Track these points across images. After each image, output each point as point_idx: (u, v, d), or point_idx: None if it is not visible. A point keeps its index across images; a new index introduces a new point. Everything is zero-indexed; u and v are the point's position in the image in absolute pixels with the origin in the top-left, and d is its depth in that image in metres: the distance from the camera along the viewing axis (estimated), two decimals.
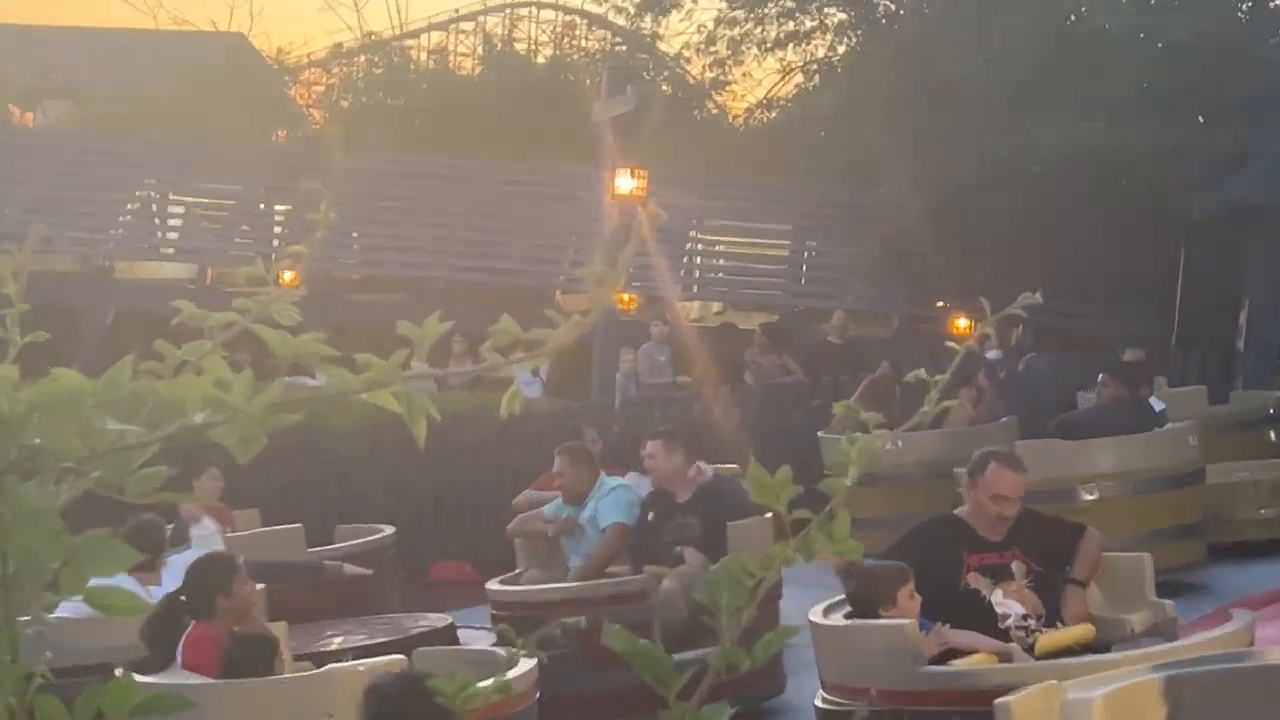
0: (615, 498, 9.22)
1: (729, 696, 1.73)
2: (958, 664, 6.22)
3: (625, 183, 16.10)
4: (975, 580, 6.83)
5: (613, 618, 8.07)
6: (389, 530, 11.11)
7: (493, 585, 9.02)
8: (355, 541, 10.87)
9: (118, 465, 1.43)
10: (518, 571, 9.32)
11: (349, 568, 9.81)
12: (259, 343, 1.69)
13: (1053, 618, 6.72)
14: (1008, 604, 6.79)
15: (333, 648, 8.16)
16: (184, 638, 6.27)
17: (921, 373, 2.06)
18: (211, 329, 1.58)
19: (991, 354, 17.26)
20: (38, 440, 1.43)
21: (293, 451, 12.95)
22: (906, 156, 18.61)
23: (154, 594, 7.34)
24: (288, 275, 2.03)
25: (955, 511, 7.00)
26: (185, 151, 21.87)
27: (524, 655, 1.45)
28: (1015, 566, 6.91)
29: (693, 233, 21.25)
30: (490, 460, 13.98)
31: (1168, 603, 6.77)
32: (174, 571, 7.63)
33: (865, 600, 6.21)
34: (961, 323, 17.08)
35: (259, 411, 1.38)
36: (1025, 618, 6.77)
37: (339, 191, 1.71)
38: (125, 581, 7.33)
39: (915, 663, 6.13)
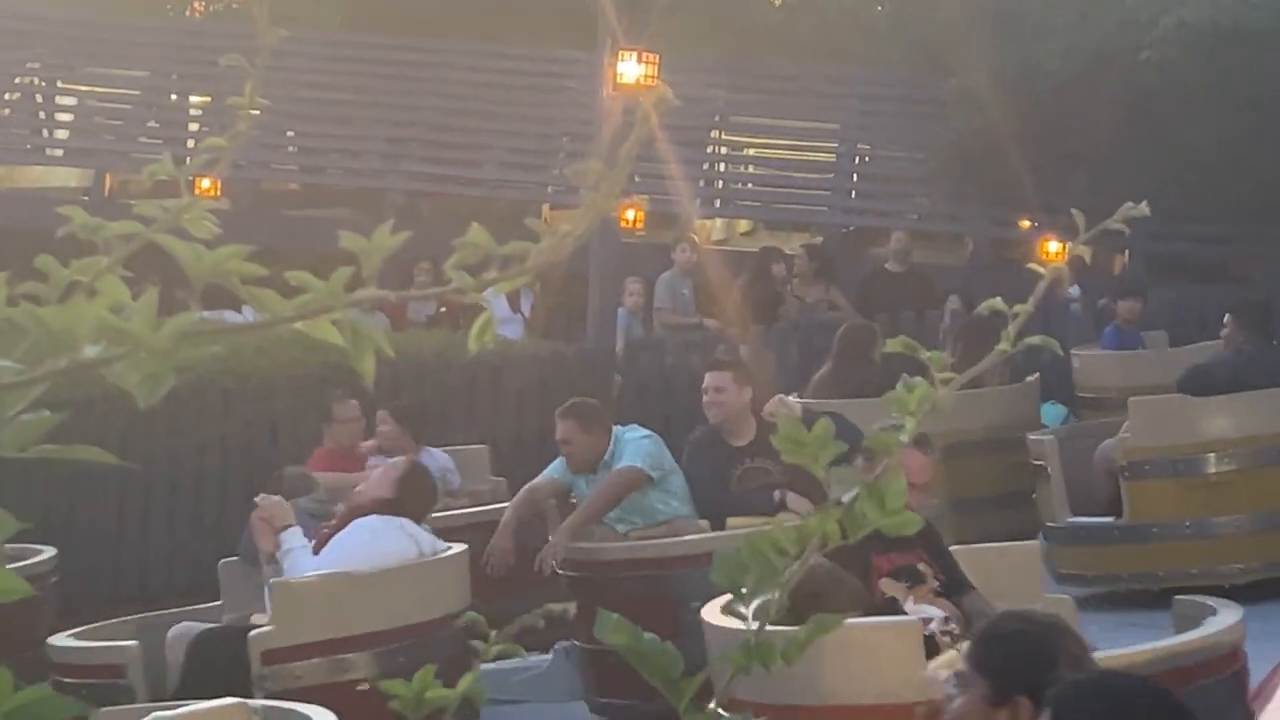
0: (640, 446, 9.49)
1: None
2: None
3: (631, 69, 16.05)
4: (889, 587, 7.07)
5: (684, 584, 8.38)
6: (48, 554, 10.53)
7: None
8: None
9: None
10: None
11: None
12: (168, 267, 1.70)
13: (967, 622, 6.93)
14: (924, 609, 7.04)
15: None
16: None
17: (997, 302, 2.06)
18: (108, 242, 1.59)
19: (1073, 289, 17.27)
20: None
21: (211, 408, 12.97)
22: (986, 37, 18.54)
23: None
24: (204, 183, 2.03)
25: None
26: (77, 29, 21.82)
27: (498, 648, 1.45)
28: (923, 567, 7.21)
29: (716, 133, 21.21)
30: (459, 418, 13.99)
31: (1065, 597, 6.94)
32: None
33: (812, 598, 6.22)
34: (1052, 246, 17.06)
35: (166, 344, 1.39)
36: (946, 620, 7.03)
37: (271, 79, 1.72)
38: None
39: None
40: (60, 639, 8.49)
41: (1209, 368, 11.70)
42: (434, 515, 9.26)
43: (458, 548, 8.70)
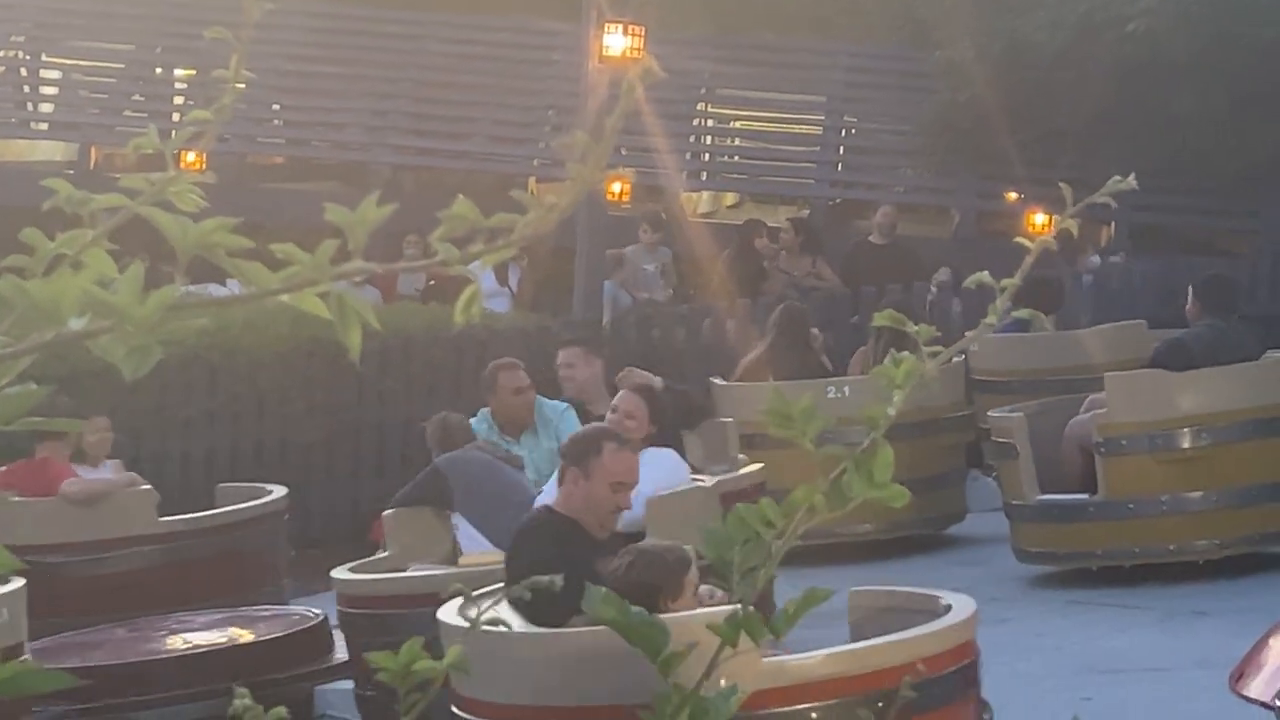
0: (573, 419, 9.69)
1: None
2: None
3: (617, 42, 16.03)
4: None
5: None
6: (278, 493, 11.00)
7: None
8: (236, 507, 10.84)
9: None
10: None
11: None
12: (153, 241, 1.69)
13: None
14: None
15: (135, 657, 8.39)
16: None
17: (984, 276, 2.07)
18: (93, 216, 1.58)
19: (1094, 259, 17.29)
20: None
21: (198, 383, 12.97)
22: (972, 9, 18.52)
23: None
24: (189, 156, 2.03)
25: (553, 507, 6.95)
26: (62, 2, 21.75)
27: (483, 625, 1.46)
28: None
29: (702, 105, 21.19)
30: (446, 391, 13.99)
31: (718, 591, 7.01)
32: None
33: (646, 589, 6.18)
34: (1039, 219, 17.08)
35: (152, 316, 1.38)
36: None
37: (255, 52, 1.71)
38: None
39: None
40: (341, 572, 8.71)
41: (1184, 343, 11.69)
42: None
43: None
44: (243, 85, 1.73)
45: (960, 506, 13.02)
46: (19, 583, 7.11)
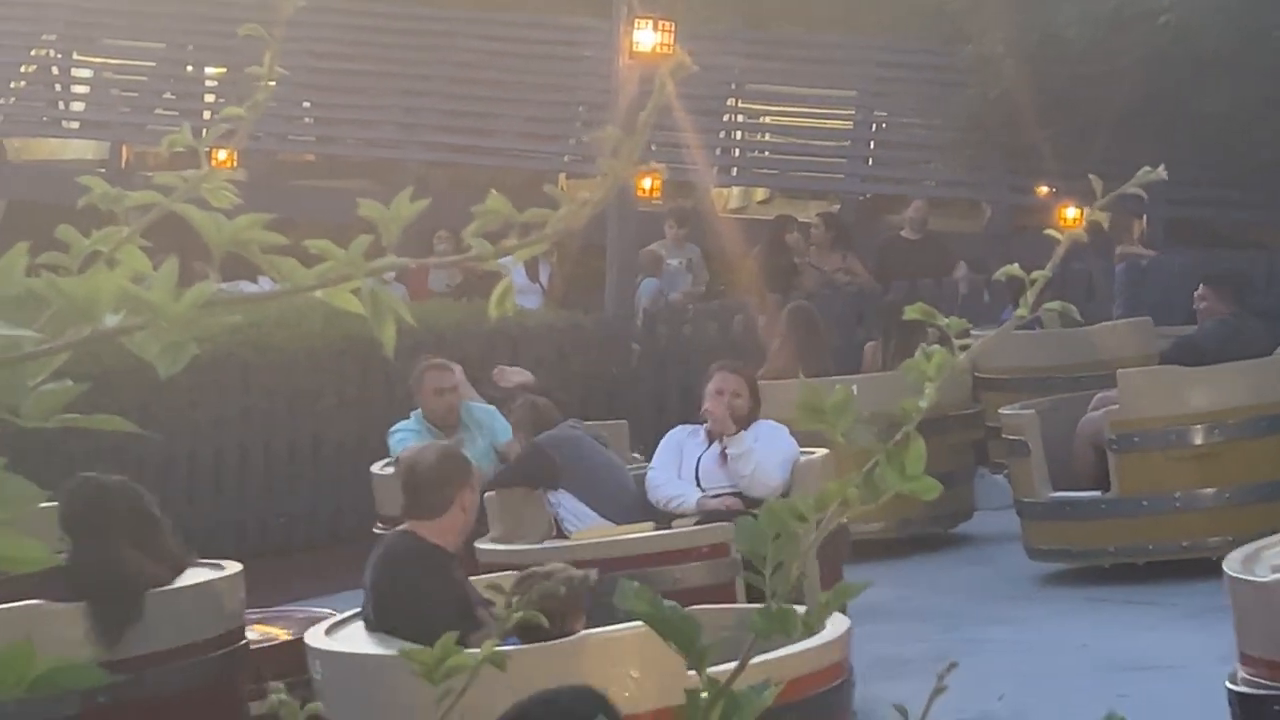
0: (502, 420, 10.18)
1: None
2: None
3: (647, 38, 16.03)
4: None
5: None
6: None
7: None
8: None
9: (11, 380, 1.44)
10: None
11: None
12: (185, 238, 1.70)
13: None
14: None
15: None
16: None
17: (1014, 268, 2.07)
18: (126, 213, 1.59)
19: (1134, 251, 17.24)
20: None
21: (231, 380, 13.00)
22: (1003, 3, 18.47)
23: None
24: (221, 154, 2.03)
25: (418, 534, 6.90)
26: (94, 1, 21.82)
27: (518, 615, 1.46)
28: None
29: (732, 101, 21.17)
30: (478, 388, 13.99)
31: None
32: None
33: (551, 612, 6.15)
34: (1070, 213, 17.04)
35: (186, 313, 1.39)
36: None
37: (286, 50, 1.72)
38: None
39: None
40: None
41: (1194, 339, 11.67)
42: None
43: None
44: (275, 83, 1.73)
45: (968, 505, 12.99)
46: (235, 567, 7.15)
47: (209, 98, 22.09)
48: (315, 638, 6.68)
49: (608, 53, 17.15)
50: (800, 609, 1.79)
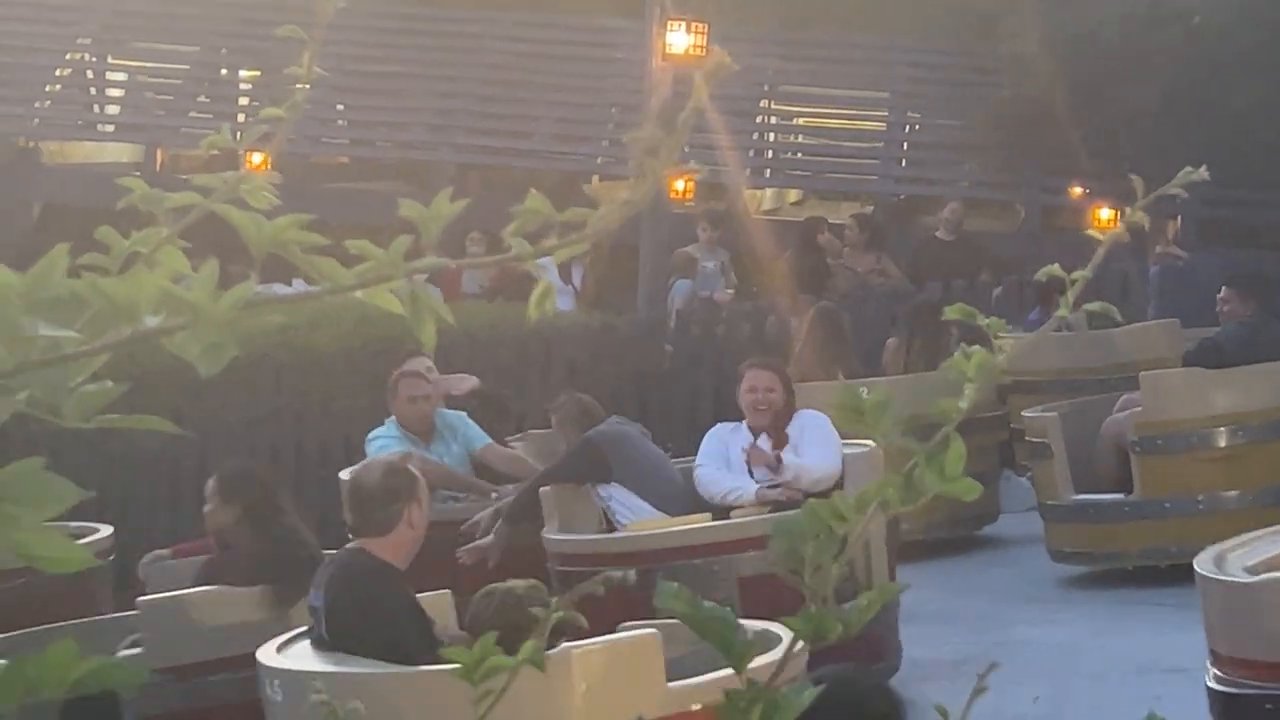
0: (474, 426, 10.39)
1: (822, 670, 1.74)
2: None
3: (680, 40, 16.04)
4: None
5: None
6: (105, 532, 10.51)
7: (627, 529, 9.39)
8: None
9: (52, 381, 1.44)
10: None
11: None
12: (221, 239, 1.70)
13: None
14: None
15: None
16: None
17: (1056, 269, 2.06)
18: (164, 214, 1.59)
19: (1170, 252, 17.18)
20: None
21: (265, 381, 13.02)
22: (1035, 3, 18.44)
23: None
24: (256, 157, 2.03)
25: (369, 551, 6.87)
26: (127, 4, 21.89)
27: (558, 614, 1.45)
28: None
29: (765, 103, 21.16)
30: (511, 389, 13.99)
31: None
32: None
33: (514, 629, 6.16)
34: (1104, 213, 16.99)
35: (227, 313, 1.39)
36: None
37: (320, 52, 1.72)
38: None
39: None
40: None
41: (1216, 341, 11.64)
42: None
43: None
44: (309, 85, 1.73)
45: (993, 507, 12.96)
46: None
47: (243, 100, 22.15)
48: (269, 656, 6.63)
49: (640, 54, 17.16)
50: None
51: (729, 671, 5.73)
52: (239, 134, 1.75)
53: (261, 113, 1.64)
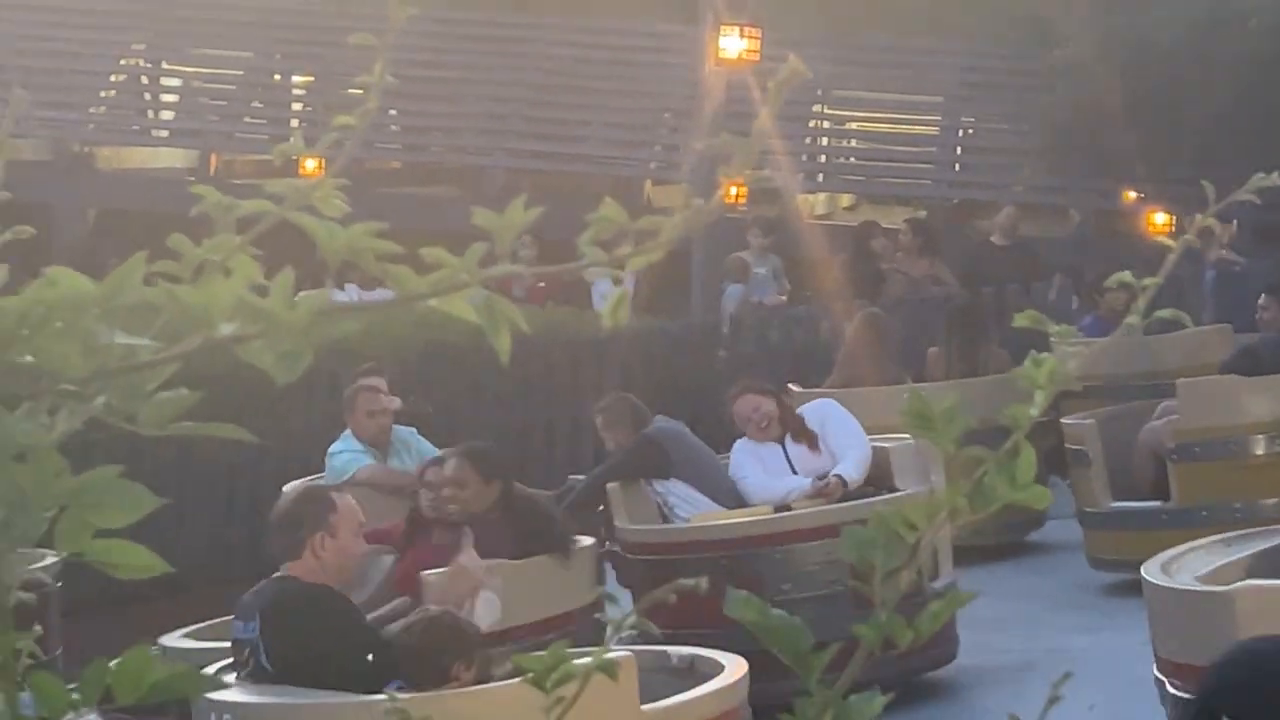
0: (425, 441, 10.51)
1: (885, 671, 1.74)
2: None
3: (733, 44, 16.04)
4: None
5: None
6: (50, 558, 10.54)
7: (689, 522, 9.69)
8: None
9: (128, 388, 1.45)
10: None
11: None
12: (282, 247, 1.70)
13: None
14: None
15: None
16: None
17: (1126, 275, 2.05)
18: (227, 221, 1.59)
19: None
20: (29, 358, 1.45)
21: (319, 388, 13.05)
22: (1091, 6, 18.38)
23: None
24: (310, 163, 2.03)
25: (299, 577, 6.80)
26: (182, 10, 21.99)
27: (632, 618, 1.46)
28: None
29: (818, 107, 21.14)
30: (564, 395, 14.02)
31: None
32: None
33: (440, 655, 6.15)
34: (1159, 218, 16.92)
35: (303, 321, 1.39)
36: None
37: (375, 57, 1.72)
38: None
39: None
40: (173, 639, 8.46)
41: (1253, 349, 11.59)
42: None
43: None
44: (374, 92, 1.74)
45: (1041, 513, 12.90)
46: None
47: (297, 105, 22.23)
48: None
49: (693, 59, 17.16)
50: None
51: (699, 693, 5.64)
52: (290, 139, 1.76)
53: (334, 120, 1.64)
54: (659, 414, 10.46)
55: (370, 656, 6.33)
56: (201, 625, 8.74)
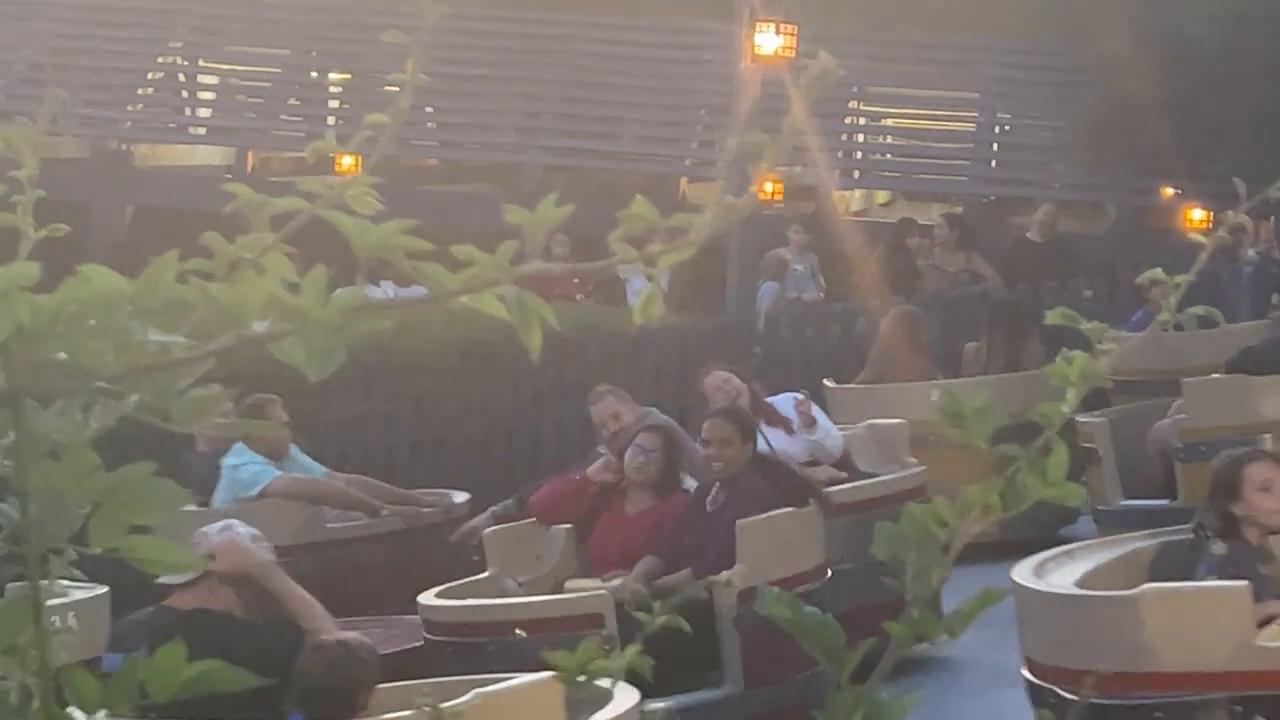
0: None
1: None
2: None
3: (769, 41, 16.02)
4: None
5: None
6: (460, 497, 11.08)
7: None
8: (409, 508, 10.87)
9: (162, 386, 1.46)
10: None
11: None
12: (314, 244, 1.71)
13: None
14: None
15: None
16: None
17: (1158, 273, 2.05)
18: (261, 219, 1.60)
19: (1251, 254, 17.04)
20: (63, 355, 1.46)
21: (353, 384, 13.08)
22: (1129, 2, 18.32)
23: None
24: (346, 160, 2.04)
25: (168, 606, 6.57)
26: (218, 8, 22.06)
27: (661, 620, 1.46)
28: None
29: (853, 104, 21.12)
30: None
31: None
32: None
33: (350, 685, 6.14)
34: (1195, 214, 16.85)
35: (336, 319, 1.40)
36: None
37: (409, 55, 1.72)
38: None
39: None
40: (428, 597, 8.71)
41: (1260, 348, 11.55)
42: None
43: None
44: (409, 89, 1.74)
45: (1072, 508, 12.86)
46: (100, 590, 6.53)
47: (333, 103, 22.28)
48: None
49: (729, 56, 17.15)
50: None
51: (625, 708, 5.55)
52: (326, 135, 1.76)
53: (367, 119, 1.64)
54: (694, 411, 10.47)
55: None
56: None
